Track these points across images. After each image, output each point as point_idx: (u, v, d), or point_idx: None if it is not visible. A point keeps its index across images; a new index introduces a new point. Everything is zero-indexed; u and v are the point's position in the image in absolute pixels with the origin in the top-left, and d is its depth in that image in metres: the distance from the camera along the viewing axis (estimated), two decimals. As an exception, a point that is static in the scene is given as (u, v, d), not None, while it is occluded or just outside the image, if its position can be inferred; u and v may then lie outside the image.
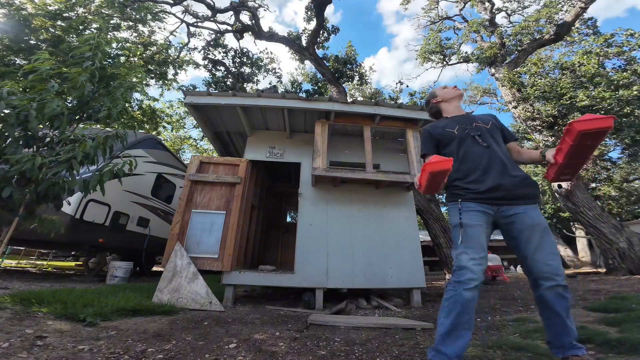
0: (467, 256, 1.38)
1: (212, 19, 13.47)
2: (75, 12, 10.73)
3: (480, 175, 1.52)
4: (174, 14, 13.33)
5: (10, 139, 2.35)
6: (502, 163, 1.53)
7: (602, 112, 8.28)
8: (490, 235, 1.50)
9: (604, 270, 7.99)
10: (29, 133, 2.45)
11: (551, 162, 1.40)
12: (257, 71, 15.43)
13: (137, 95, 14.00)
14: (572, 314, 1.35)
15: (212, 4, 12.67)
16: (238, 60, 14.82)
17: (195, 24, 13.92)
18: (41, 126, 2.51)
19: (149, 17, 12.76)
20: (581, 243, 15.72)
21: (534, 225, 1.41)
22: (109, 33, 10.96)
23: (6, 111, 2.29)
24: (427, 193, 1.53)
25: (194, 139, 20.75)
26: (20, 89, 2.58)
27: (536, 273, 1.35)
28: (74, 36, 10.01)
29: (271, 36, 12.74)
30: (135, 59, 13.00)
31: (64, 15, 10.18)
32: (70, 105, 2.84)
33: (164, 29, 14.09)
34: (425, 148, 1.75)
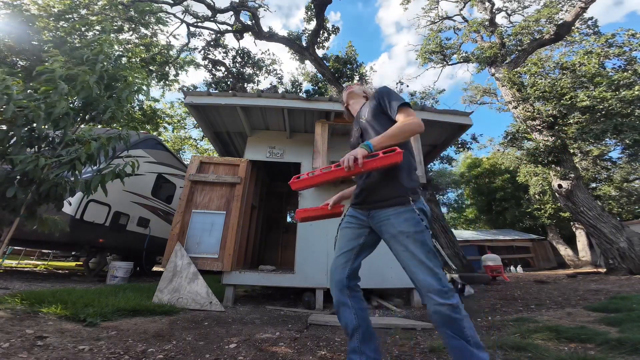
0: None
1: (212, 19, 13.48)
2: (78, 13, 10.73)
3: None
4: (174, 14, 13.34)
5: (15, 139, 2.35)
6: None
7: (603, 112, 8.27)
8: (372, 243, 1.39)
9: (605, 270, 7.99)
10: (34, 134, 2.46)
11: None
12: (258, 72, 15.45)
13: (140, 96, 14.00)
14: (573, 313, 1.33)
15: (212, 4, 12.68)
16: (239, 60, 14.83)
17: (196, 24, 13.94)
18: (45, 127, 2.51)
19: (153, 20, 12.76)
20: (581, 243, 15.71)
21: (394, 235, 1.21)
22: (112, 35, 10.97)
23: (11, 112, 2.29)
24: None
25: (195, 139, 20.77)
26: (23, 89, 2.58)
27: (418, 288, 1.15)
28: (77, 37, 10.02)
29: (271, 36, 12.75)
30: (137, 59, 13.01)
31: (67, 16, 10.19)
32: (72, 106, 2.85)
33: (167, 32, 14.12)
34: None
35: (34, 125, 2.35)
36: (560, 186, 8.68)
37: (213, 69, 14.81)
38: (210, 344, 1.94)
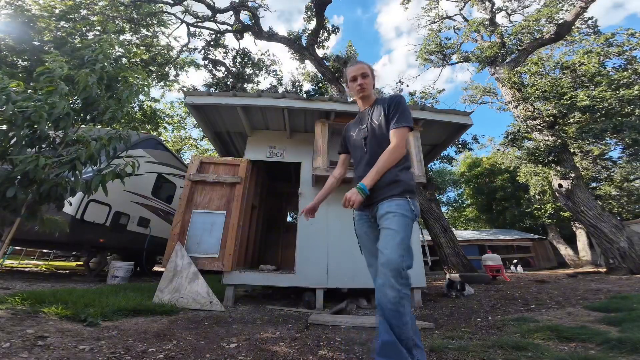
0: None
1: (212, 19, 13.46)
2: (79, 14, 10.72)
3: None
4: (174, 14, 13.33)
5: (15, 139, 2.35)
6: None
7: (603, 112, 8.26)
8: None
9: (605, 269, 7.98)
10: (37, 134, 2.46)
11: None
12: (257, 72, 15.43)
13: (140, 96, 13.99)
14: (573, 313, 1.32)
15: (212, 4, 12.67)
16: (239, 60, 14.81)
17: (196, 24, 13.92)
18: (46, 127, 2.51)
19: (155, 22, 12.74)
20: (582, 242, 15.69)
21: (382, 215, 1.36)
22: (112, 35, 10.99)
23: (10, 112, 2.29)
24: None
25: (195, 139, 20.77)
26: (23, 89, 2.58)
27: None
28: (77, 37, 10.01)
29: (271, 36, 12.74)
30: (137, 60, 13.00)
31: (69, 17, 10.18)
32: (73, 106, 2.85)
33: (168, 33, 14.08)
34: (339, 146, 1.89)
35: (35, 126, 2.35)
36: (560, 186, 8.67)
37: (213, 69, 14.80)
38: (210, 343, 1.95)
